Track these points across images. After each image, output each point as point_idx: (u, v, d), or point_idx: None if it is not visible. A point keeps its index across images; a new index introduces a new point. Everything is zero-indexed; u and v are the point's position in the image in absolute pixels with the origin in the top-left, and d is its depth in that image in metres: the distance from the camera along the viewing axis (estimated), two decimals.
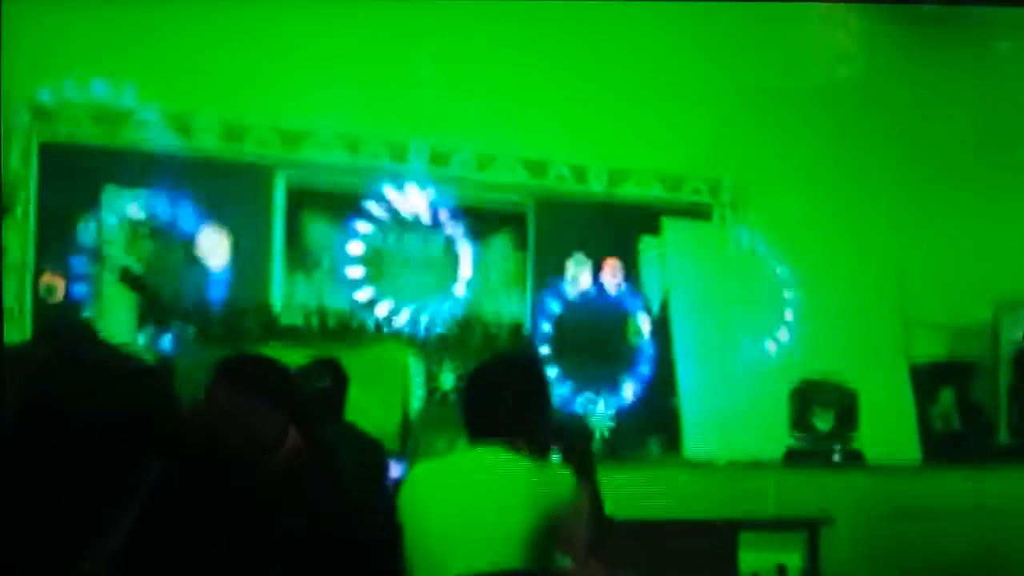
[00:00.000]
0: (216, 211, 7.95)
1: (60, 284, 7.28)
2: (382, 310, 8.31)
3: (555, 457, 3.50)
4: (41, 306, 7.26)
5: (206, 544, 1.72)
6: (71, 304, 7.27)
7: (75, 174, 7.59)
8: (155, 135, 7.78)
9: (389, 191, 8.55)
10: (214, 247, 7.85)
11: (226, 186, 8.04)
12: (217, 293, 7.74)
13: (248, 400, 2.48)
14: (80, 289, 7.39)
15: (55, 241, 7.47)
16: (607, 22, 8.78)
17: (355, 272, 8.41)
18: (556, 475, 3.22)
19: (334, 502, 2.80)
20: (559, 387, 7.97)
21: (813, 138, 9.44)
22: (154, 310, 7.13)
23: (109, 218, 7.60)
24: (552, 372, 8.11)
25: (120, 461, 1.21)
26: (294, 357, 4.91)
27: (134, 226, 7.70)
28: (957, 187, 9.62)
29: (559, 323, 8.79)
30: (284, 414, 2.20)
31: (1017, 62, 9.33)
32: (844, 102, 9.42)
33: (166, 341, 6.99)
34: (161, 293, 7.35)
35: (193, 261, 7.81)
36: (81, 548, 1.18)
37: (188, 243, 7.85)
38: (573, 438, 3.45)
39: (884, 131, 9.56)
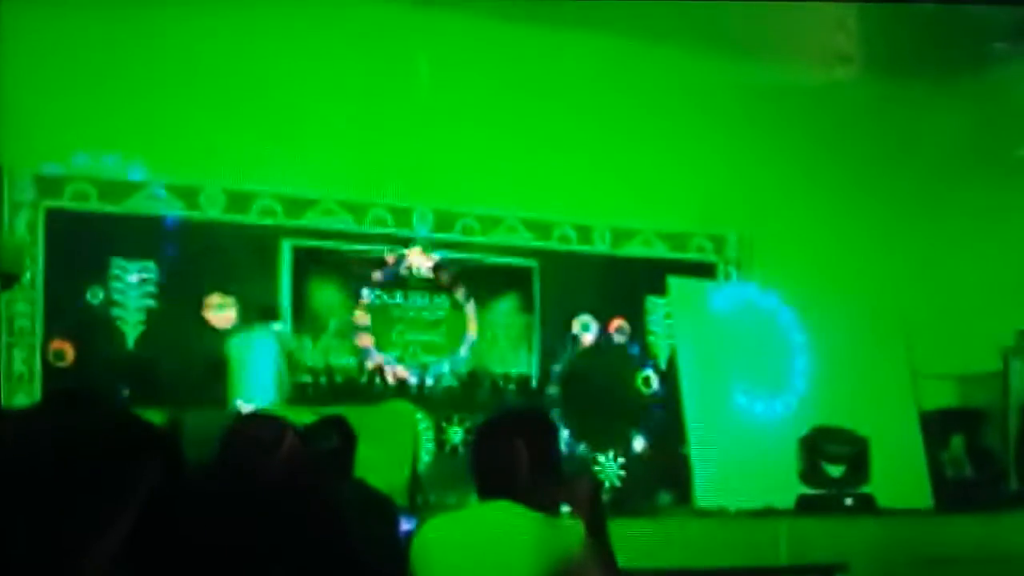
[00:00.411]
0: (222, 277, 8.04)
1: (69, 349, 7.34)
2: (389, 368, 8.35)
3: (564, 509, 3.48)
4: (50, 371, 7.32)
5: (205, 547, 1.73)
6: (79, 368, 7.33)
7: (82, 242, 7.70)
8: (161, 204, 7.90)
9: (394, 255, 8.64)
10: (222, 310, 7.93)
11: (232, 253, 8.14)
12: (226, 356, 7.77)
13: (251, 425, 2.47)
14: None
15: (64, 306, 7.56)
16: (606, 85, 8.92)
17: (362, 333, 8.48)
18: (566, 528, 3.20)
19: (339, 563, 2.80)
20: (570, 440, 7.95)
21: (816, 194, 9.51)
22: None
23: (116, 284, 7.71)
24: (562, 426, 8.10)
25: (113, 489, 1.22)
26: (302, 416, 4.92)
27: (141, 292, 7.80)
28: (963, 240, 9.67)
29: (568, 378, 8.81)
30: (300, 478, 2.21)
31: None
32: (844, 156, 9.51)
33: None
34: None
35: (202, 325, 7.88)
36: (79, 552, 1.19)
37: (196, 308, 7.92)
38: (580, 490, 3.44)
39: (885, 186, 9.63)
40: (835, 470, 7.26)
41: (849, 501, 7.13)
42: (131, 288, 7.79)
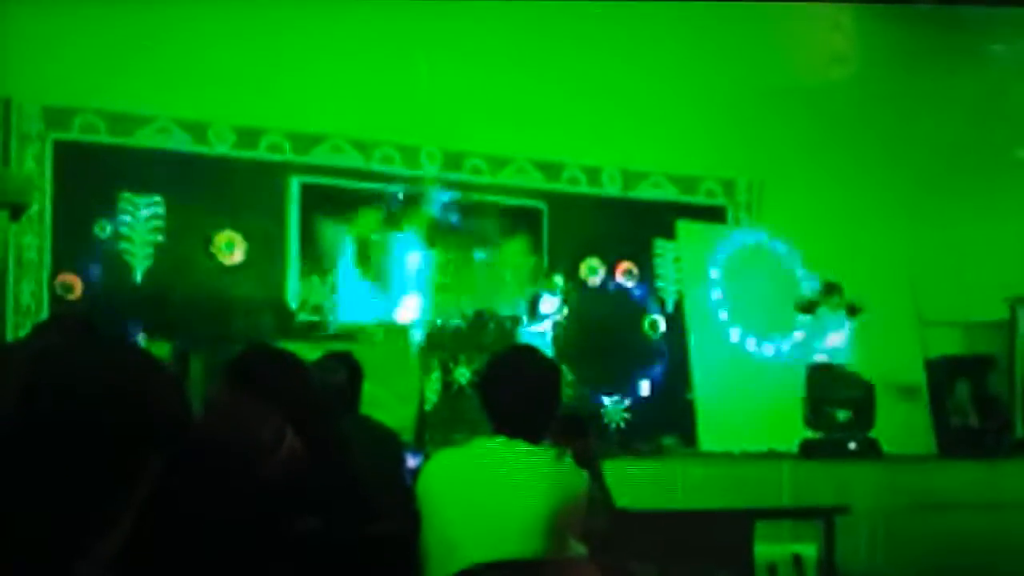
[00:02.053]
0: (231, 212, 8.04)
1: (76, 283, 7.36)
2: (397, 307, 8.36)
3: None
4: (58, 304, 7.35)
5: (205, 545, 1.73)
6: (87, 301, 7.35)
7: (91, 176, 7.69)
8: (170, 139, 7.88)
9: (403, 193, 8.61)
10: (230, 248, 7.93)
11: (241, 188, 8.12)
12: (234, 292, 7.80)
13: (250, 401, 2.45)
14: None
15: (71, 240, 7.57)
16: (621, 26, 8.81)
17: (370, 271, 8.47)
18: (569, 465, 3.23)
19: (344, 498, 2.80)
20: (575, 382, 7.98)
21: (826, 139, 9.45)
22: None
23: (124, 218, 7.70)
24: (566, 368, 8.11)
25: (121, 454, 1.19)
26: (310, 353, 4.94)
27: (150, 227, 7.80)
28: (969, 185, 9.61)
29: (575, 320, 8.80)
30: (291, 411, 2.19)
31: (1017, 60, 9.33)
32: (855, 102, 9.43)
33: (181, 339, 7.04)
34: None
35: (210, 261, 7.89)
36: (79, 547, 1.17)
37: (205, 244, 7.93)
38: (570, 431, 3.46)
39: (896, 131, 9.56)
40: (840, 414, 7.28)
41: (853, 445, 7.15)
42: (139, 222, 7.79)
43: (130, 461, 1.20)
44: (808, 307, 8.06)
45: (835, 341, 8.01)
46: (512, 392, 3.25)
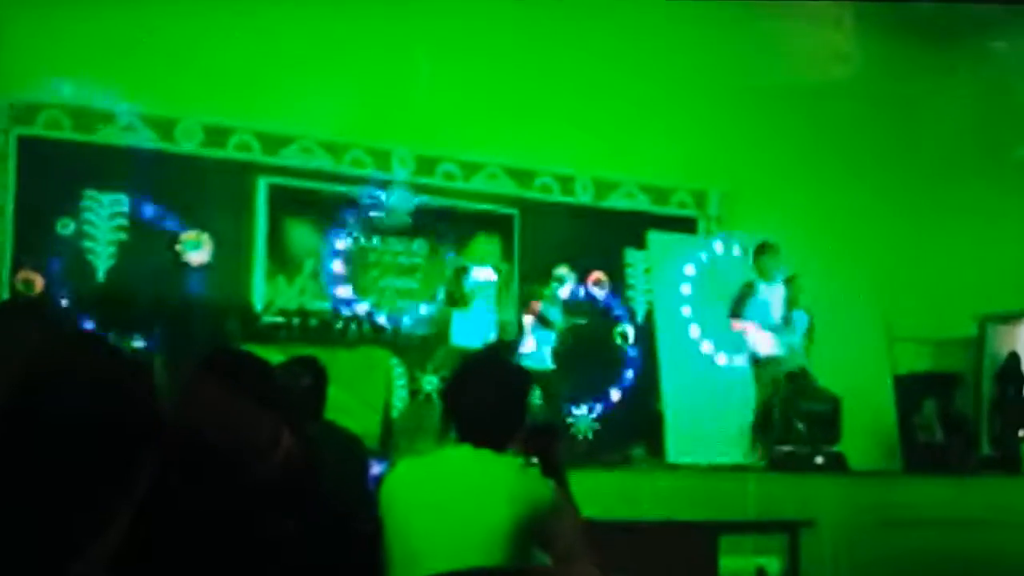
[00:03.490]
0: (198, 212, 7.94)
1: (37, 279, 7.25)
2: (364, 313, 8.29)
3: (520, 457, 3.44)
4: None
5: (201, 546, 1.69)
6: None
7: (55, 172, 7.58)
8: (136, 136, 7.77)
9: (373, 197, 8.54)
10: (196, 247, 7.83)
11: (208, 187, 8.03)
12: (198, 293, 7.70)
13: (239, 398, 2.41)
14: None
15: (33, 237, 7.45)
16: (598, 36, 8.79)
17: (338, 275, 8.40)
18: (534, 475, 3.18)
19: (320, 501, 2.76)
20: (544, 392, 7.91)
21: (798, 152, 9.47)
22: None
23: (88, 216, 7.59)
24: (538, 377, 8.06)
25: (115, 453, 1.17)
26: (274, 357, 4.86)
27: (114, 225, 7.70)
28: (942, 204, 9.66)
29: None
30: (275, 412, 2.16)
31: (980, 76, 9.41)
32: (827, 116, 9.46)
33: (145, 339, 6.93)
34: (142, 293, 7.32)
35: (175, 261, 7.79)
36: (74, 547, 1.15)
37: (169, 243, 7.83)
38: (538, 438, 3.40)
39: (867, 148, 9.60)
40: (806, 428, 7.26)
41: (819, 459, 7.13)
42: (103, 220, 7.68)
43: (124, 460, 1.18)
44: (740, 305, 7.93)
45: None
46: (477, 401, 3.19)
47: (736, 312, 7.87)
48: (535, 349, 8.01)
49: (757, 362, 7.82)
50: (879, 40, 9.46)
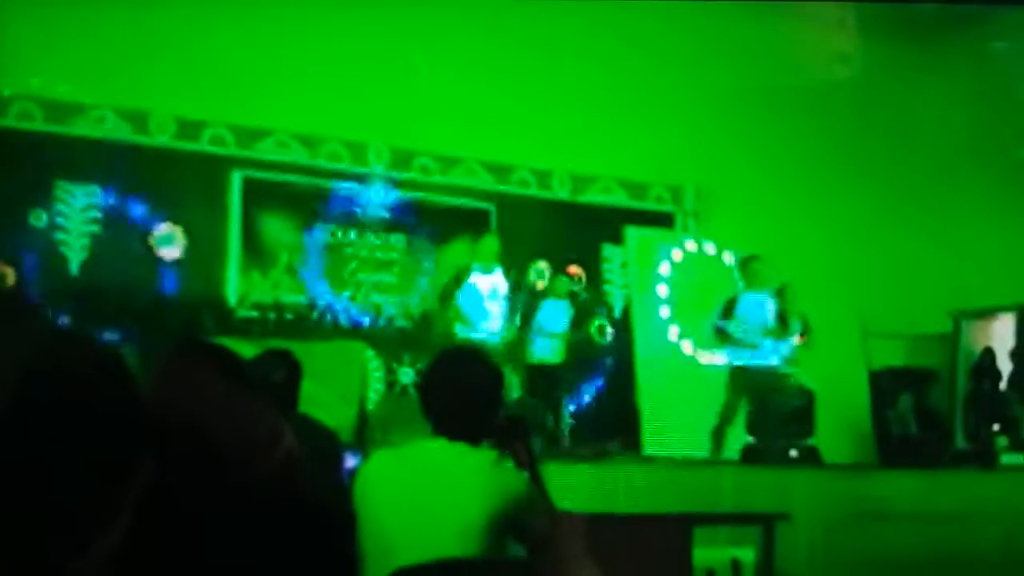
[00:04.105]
0: (171, 205, 7.89)
1: (9, 272, 7.18)
2: (340, 307, 8.25)
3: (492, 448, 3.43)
4: None
5: (202, 544, 1.67)
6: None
7: (27, 164, 7.52)
8: (109, 128, 7.71)
9: (349, 191, 8.50)
10: (169, 242, 7.78)
11: (181, 181, 7.98)
12: (171, 287, 7.65)
13: (240, 394, 2.40)
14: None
15: (5, 230, 7.39)
16: (574, 30, 8.78)
17: (313, 269, 8.36)
18: (509, 468, 3.16)
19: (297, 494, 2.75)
20: (521, 386, 7.90)
21: (774, 149, 9.48)
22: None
23: (61, 208, 7.53)
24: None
25: (112, 451, 1.16)
26: (248, 351, 4.83)
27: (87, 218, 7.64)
28: (917, 200, 9.69)
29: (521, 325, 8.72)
30: (274, 408, 2.14)
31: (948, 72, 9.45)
32: (803, 113, 9.47)
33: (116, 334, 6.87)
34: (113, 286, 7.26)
35: (147, 254, 7.74)
36: (74, 546, 1.13)
37: (143, 236, 7.78)
38: (510, 433, 3.38)
39: (843, 145, 9.62)
40: (781, 421, 7.28)
41: (794, 453, 7.14)
42: (75, 212, 7.62)
43: (122, 458, 1.17)
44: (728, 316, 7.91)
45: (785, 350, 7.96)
46: (452, 394, 3.17)
47: (725, 317, 7.83)
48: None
49: (737, 369, 7.77)
50: (860, 36, 9.49)
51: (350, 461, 5.42)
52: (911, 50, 9.44)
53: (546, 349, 7.98)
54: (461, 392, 3.13)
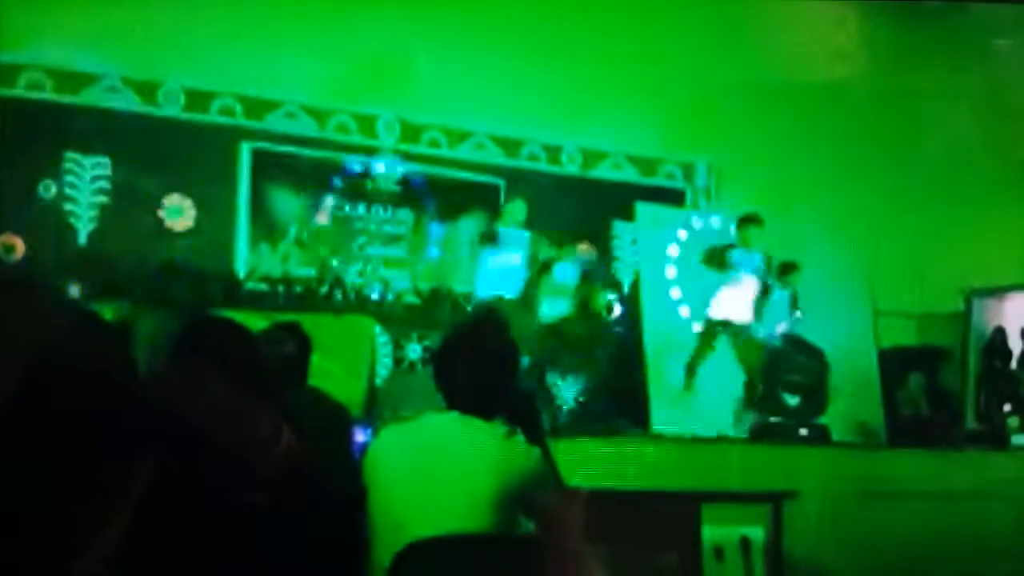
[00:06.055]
0: (180, 177, 7.87)
1: (18, 243, 7.18)
2: (349, 281, 8.23)
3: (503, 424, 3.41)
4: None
5: (202, 541, 1.67)
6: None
7: (36, 134, 7.50)
8: (118, 98, 7.69)
9: (359, 164, 8.47)
10: (179, 213, 7.76)
11: (190, 152, 7.95)
12: (181, 258, 7.64)
13: (239, 393, 2.38)
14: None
15: (14, 201, 7.38)
16: (586, 3, 8.72)
17: (323, 242, 8.34)
18: (519, 443, 3.14)
19: (305, 469, 2.73)
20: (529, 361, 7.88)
21: (786, 125, 9.42)
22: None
23: (69, 178, 7.51)
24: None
25: (114, 450, 1.15)
26: (258, 323, 4.81)
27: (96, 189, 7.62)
28: (929, 179, 9.64)
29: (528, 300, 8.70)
30: (238, 382, 2.12)
31: (985, 62, 9.38)
32: (817, 91, 9.41)
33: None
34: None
35: (157, 226, 7.73)
36: (75, 546, 1.12)
37: (152, 208, 7.76)
38: (521, 408, 3.36)
39: (856, 123, 9.56)
40: (792, 400, 7.25)
41: (804, 431, 7.13)
42: (84, 183, 7.60)
43: (124, 456, 1.16)
44: (714, 258, 7.92)
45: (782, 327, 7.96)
46: (469, 368, 3.15)
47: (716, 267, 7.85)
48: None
49: (728, 327, 7.80)
50: (873, 20, 9.42)
51: (360, 436, 5.41)
52: (925, 28, 9.37)
53: (556, 307, 7.97)
54: (478, 366, 3.10)
